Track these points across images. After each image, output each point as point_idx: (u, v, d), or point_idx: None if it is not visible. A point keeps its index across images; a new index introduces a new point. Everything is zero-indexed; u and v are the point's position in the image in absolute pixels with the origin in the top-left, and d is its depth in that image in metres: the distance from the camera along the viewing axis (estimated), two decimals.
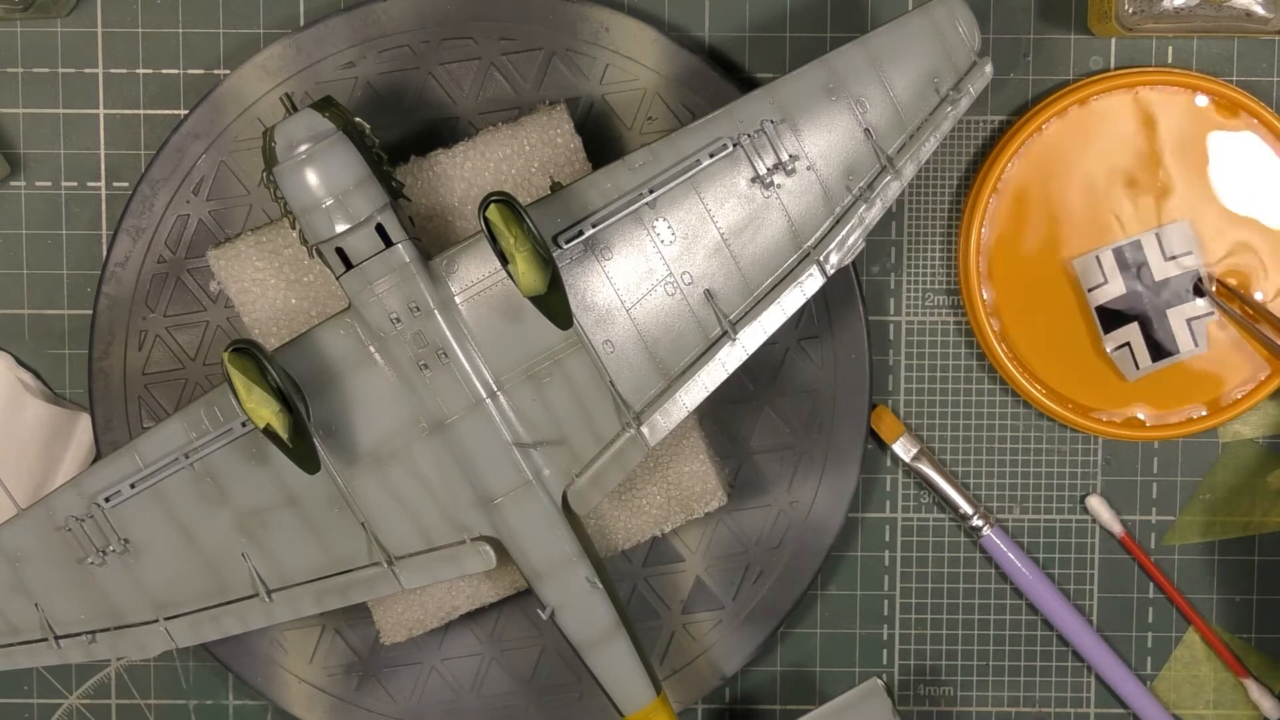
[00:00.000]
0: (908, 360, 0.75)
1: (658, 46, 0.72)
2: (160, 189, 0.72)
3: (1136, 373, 0.72)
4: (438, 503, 0.66)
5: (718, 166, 0.65)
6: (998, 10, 0.74)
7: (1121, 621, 0.76)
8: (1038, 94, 0.74)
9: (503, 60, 0.72)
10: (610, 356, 0.65)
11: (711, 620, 0.74)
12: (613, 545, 0.73)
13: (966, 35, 0.65)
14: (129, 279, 0.72)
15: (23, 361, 0.75)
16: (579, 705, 0.74)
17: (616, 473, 0.66)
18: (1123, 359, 0.72)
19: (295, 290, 0.71)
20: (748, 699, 0.76)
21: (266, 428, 0.61)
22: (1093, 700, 0.76)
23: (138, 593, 0.67)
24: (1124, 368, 0.72)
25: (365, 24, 0.71)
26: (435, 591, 0.72)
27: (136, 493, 0.66)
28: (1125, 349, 0.72)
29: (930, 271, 0.75)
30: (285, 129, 0.63)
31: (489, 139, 0.70)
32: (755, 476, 0.74)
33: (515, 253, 0.61)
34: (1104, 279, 0.72)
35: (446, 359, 0.65)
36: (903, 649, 0.76)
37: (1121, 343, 0.72)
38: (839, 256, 0.66)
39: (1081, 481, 0.75)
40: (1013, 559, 0.75)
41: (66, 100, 0.74)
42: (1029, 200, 0.73)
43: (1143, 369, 0.72)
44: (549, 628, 0.74)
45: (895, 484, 0.76)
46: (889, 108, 0.65)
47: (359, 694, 0.74)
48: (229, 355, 0.61)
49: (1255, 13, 0.69)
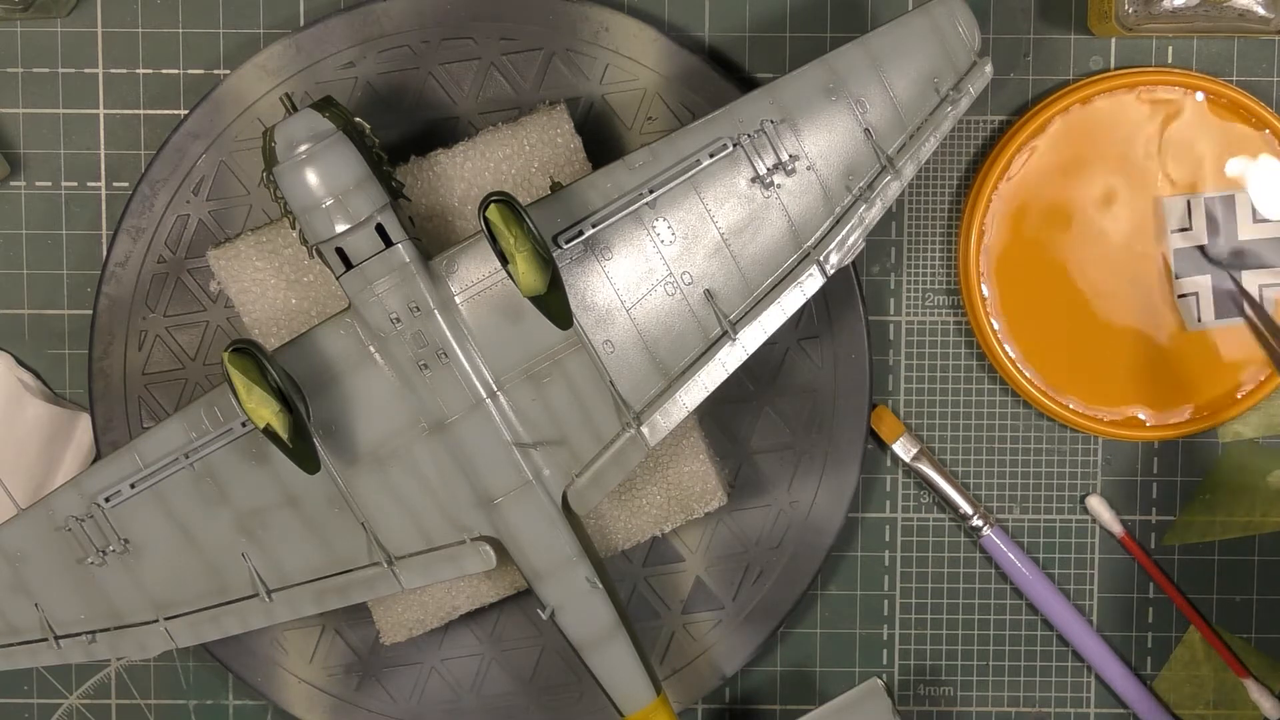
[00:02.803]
0: (908, 360, 0.75)
1: (658, 46, 0.72)
2: (160, 189, 0.72)
3: (1197, 325, 0.72)
4: (438, 503, 0.66)
5: (718, 166, 0.65)
6: (998, 10, 0.74)
7: (1121, 621, 0.76)
8: (1038, 94, 0.74)
9: (503, 60, 0.72)
10: (610, 356, 0.65)
11: (711, 620, 0.74)
12: (613, 545, 0.73)
13: (966, 35, 0.65)
14: (129, 279, 0.72)
15: (23, 361, 0.75)
16: (579, 705, 0.74)
17: (616, 473, 0.66)
18: (1187, 308, 0.72)
19: (295, 290, 0.71)
20: (748, 699, 0.76)
21: (266, 428, 0.61)
22: (1093, 700, 0.76)
23: (138, 593, 0.67)
24: (1186, 317, 0.72)
25: (365, 24, 0.71)
26: (435, 591, 0.72)
27: (136, 493, 0.66)
28: (1192, 298, 0.72)
29: (930, 271, 0.75)
30: (285, 129, 0.63)
31: (489, 139, 0.70)
32: (755, 476, 0.74)
33: (515, 253, 0.61)
34: (1189, 224, 0.72)
35: (446, 359, 0.65)
36: (903, 649, 0.76)
37: (1189, 292, 0.72)
38: (839, 256, 0.66)
39: (1081, 481, 0.75)
40: (1013, 559, 0.75)
41: (66, 100, 0.74)
42: (1029, 200, 0.73)
43: (1204, 323, 0.72)
44: (549, 628, 0.74)
45: (895, 484, 0.76)
46: (889, 108, 0.65)
47: (359, 694, 0.74)
48: (229, 355, 0.61)
49: (1255, 13, 0.69)
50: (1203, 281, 0.72)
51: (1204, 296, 0.72)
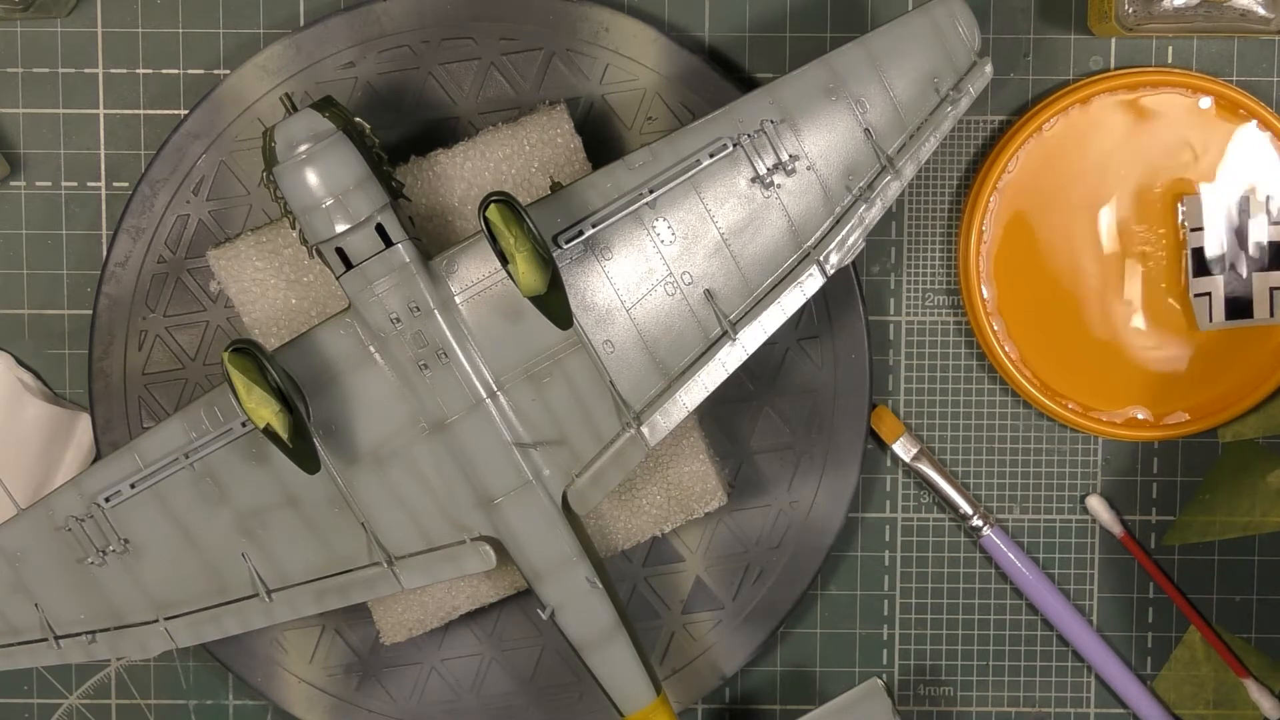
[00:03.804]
0: (908, 360, 0.75)
1: (658, 46, 0.72)
2: (160, 189, 0.72)
3: (1209, 324, 0.72)
4: (438, 503, 0.66)
5: (718, 166, 0.65)
6: (998, 10, 0.74)
7: (1121, 621, 0.76)
8: (1038, 94, 0.74)
9: (503, 60, 0.72)
10: (610, 356, 0.65)
11: (711, 620, 0.74)
12: (613, 545, 0.73)
13: (966, 35, 0.65)
14: (129, 279, 0.72)
15: (23, 361, 0.75)
16: (579, 705, 0.74)
17: (616, 473, 0.66)
18: (1200, 307, 0.72)
19: (295, 290, 0.71)
20: (748, 699, 0.76)
21: (266, 428, 0.61)
22: (1093, 700, 0.76)
23: (138, 593, 0.67)
24: (1199, 315, 0.72)
25: (365, 24, 0.71)
26: (435, 591, 0.72)
27: (136, 493, 0.66)
28: (1205, 298, 0.72)
29: (930, 271, 0.75)
30: (285, 129, 0.63)
31: (489, 139, 0.70)
32: (755, 476, 0.74)
33: (515, 253, 0.61)
34: (1204, 224, 0.72)
35: (446, 359, 0.65)
36: (903, 649, 0.76)
37: (1204, 291, 0.72)
38: (839, 256, 0.66)
39: (1081, 481, 0.75)
40: (1013, 559, 0.75)
41: (66, 100, 0.74)
42: (1029, 200, 0.73)
43: (1215, 322, 0.72)
44: (549, 628, 0.74)
45: (895, 484, 0.76)
46: (889, 108, 0.65)
47: (359, 694, 0.74)
48: (229, 355, 0.61)
49: (1255, 13, 0.69)
50: (1217, 282, 0.72)
51: (1216, 297, 0.72)
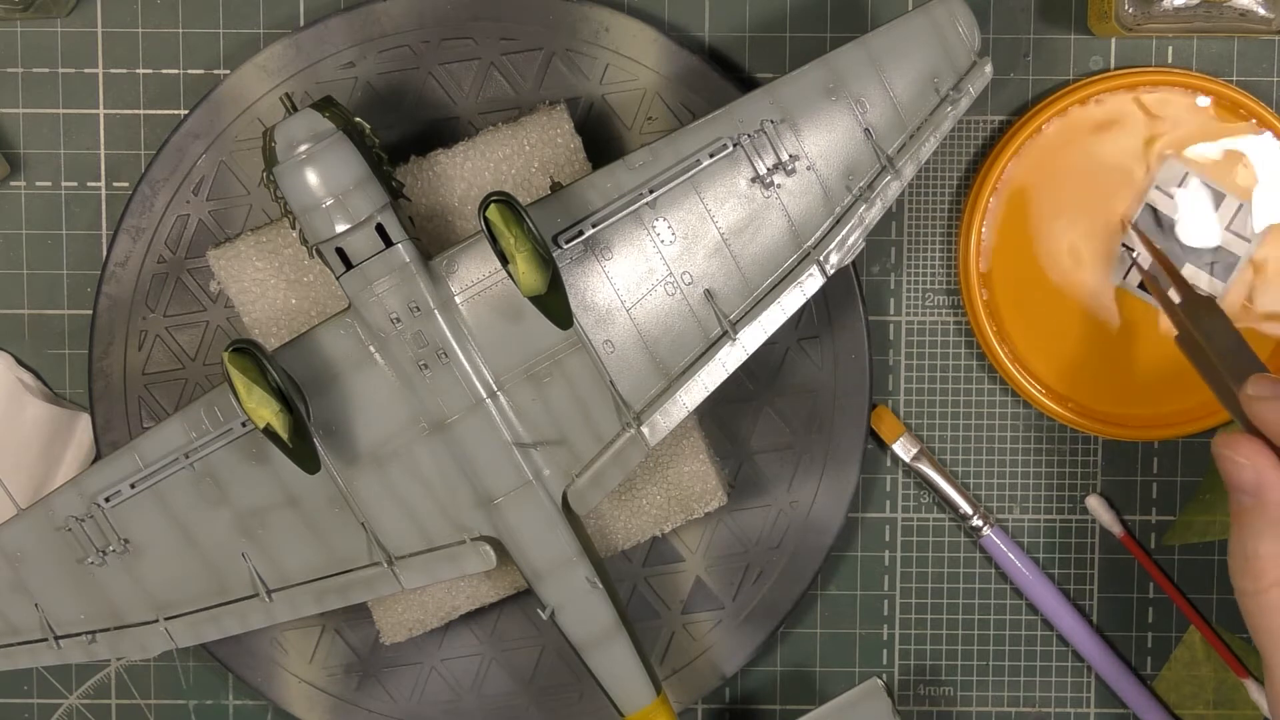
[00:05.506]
0: (908, 360, 0.75)
1: (658, 46, 0.72)
2: (160, 189, 0.72)
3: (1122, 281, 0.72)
4: (438, 503, 0.66)
5: (718, 166, 0.65)
6: (998, 10, 0.74)
7: (1121, 621, 0.76)
8: (1038, 94, 0.74)
9: (503, 60, 0.72)
10: (610, 356, 0.65)
11: (711, 620, 0.74)
12: (613, 545, 0.73)
13: (966, 35, 0.65)
14: (129, 279, 0.72)
15: (23, 361, 0.75)
16: (579, 705, 0.74)
17: (616, 473, 0.66)
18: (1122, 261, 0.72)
19: (295, 290, 0.71)
20: (748, 699, 0.76)
21: (266, 428, 0.61)
22: (1093, 700, 0.76)
23: (138, 593, 0.67)
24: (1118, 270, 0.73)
25: (365, 24, 0.71)
26: (435, 591, 0.72)
27: (136, 493, 0.66)
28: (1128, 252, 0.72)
29: (930, 271, 0.75)
30: (285, 129, 0.63)
31: (489, 139, 0.70)
32: (755, 476, 0.74)
33: (515, 253, 0.61)
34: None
35: (446, 359, 0.65)
36: (903, 649, 0.76)
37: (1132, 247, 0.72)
38: (839, 256, 0.66)
39: (1081, 481, 0.75)
40: (1013, 559, 0.75)
41: (66, 100, 0.74)
42: (1029, 200, 0.73)
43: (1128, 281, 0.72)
44: (549, 628, 0.74)
45: (895, 484, 0.76)
46: (889, 108, 0.65)
47: (359, 694, 0.74)
48: (229, 355, 0.61)
49: (1255, 13, 0.69)
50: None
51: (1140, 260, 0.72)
